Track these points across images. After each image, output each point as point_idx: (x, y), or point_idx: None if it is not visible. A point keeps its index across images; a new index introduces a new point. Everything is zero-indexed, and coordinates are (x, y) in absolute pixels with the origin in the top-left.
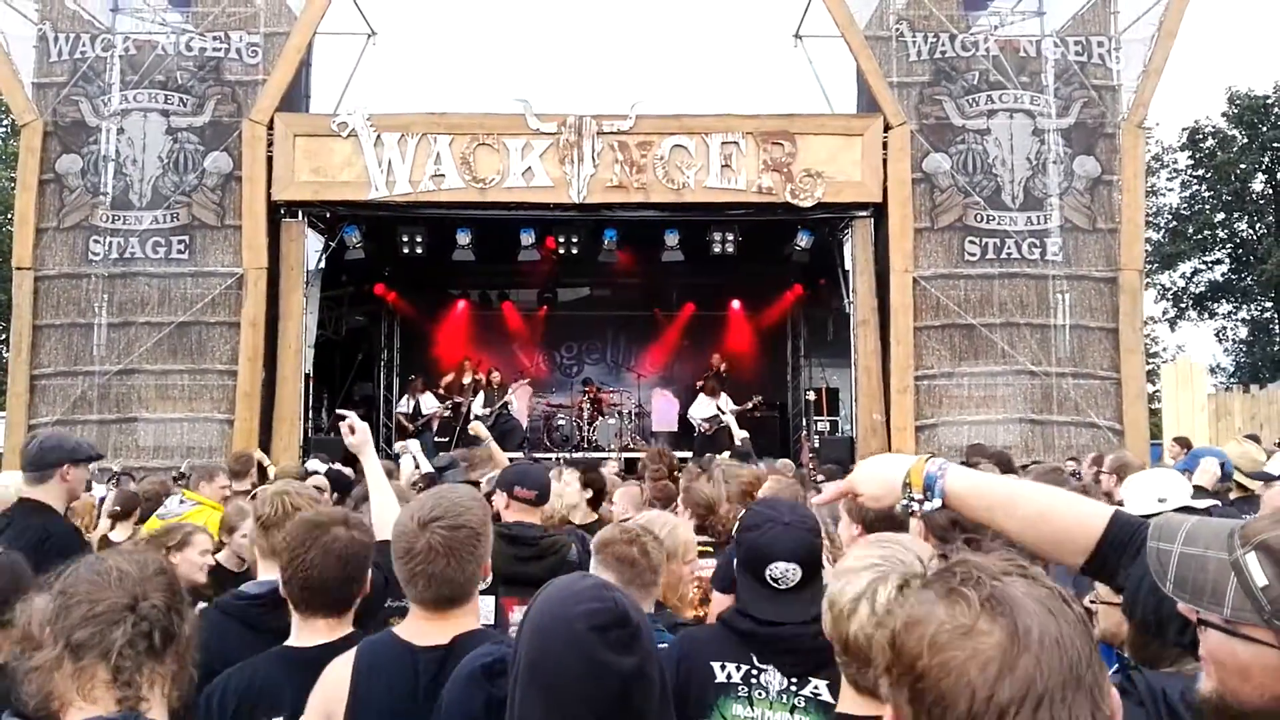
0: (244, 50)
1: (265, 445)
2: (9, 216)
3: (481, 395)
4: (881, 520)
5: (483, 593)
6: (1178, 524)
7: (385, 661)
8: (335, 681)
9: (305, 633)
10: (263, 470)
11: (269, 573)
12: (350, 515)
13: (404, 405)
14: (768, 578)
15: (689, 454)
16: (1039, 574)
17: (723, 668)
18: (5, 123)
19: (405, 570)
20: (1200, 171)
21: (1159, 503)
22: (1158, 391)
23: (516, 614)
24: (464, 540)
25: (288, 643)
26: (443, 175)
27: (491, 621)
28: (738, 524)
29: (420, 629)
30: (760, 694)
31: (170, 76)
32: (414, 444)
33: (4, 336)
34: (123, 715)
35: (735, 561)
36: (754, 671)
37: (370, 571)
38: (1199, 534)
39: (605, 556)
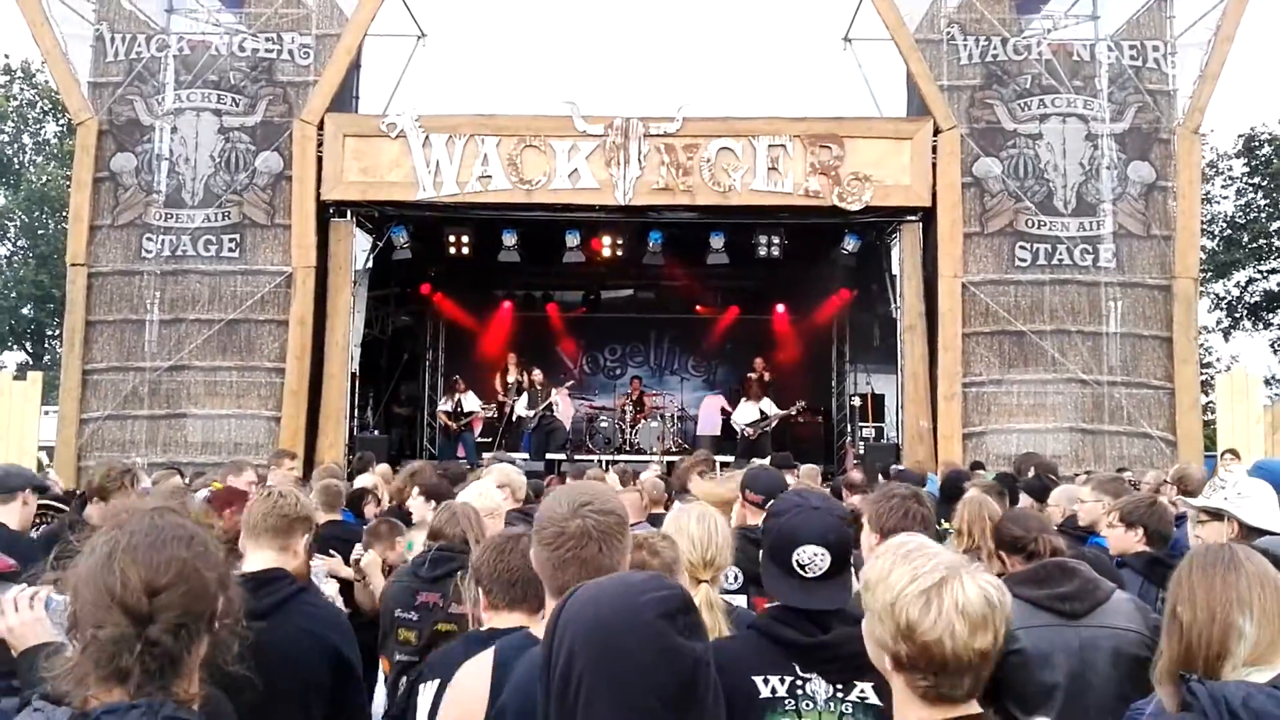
0: (296, 51)
1: (311, 442)
2: (64, 214)
3: (525, 396)
4: (901, 530)
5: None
6: None
7: (533, 665)
8: (472, 687)
9: None
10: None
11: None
12: None
13: (446, 404)
14: (795, 564)
15: (731, 458)
16: None
17: (765, 681)
18: (61, 121)
19: (554, 557)
20: (1256, 179)
21: None
22: (1211, 403)
23: None
24: (614, 526)
25: None
26: (490, 176)
27: None
28: (765, 513)
29: None
30: (808, 705)
31: (223, 77)
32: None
33: (58, 332)
34: (145, 704)
35: (761, 554)
36: (798, 682)
37: None
38: None
39: None
